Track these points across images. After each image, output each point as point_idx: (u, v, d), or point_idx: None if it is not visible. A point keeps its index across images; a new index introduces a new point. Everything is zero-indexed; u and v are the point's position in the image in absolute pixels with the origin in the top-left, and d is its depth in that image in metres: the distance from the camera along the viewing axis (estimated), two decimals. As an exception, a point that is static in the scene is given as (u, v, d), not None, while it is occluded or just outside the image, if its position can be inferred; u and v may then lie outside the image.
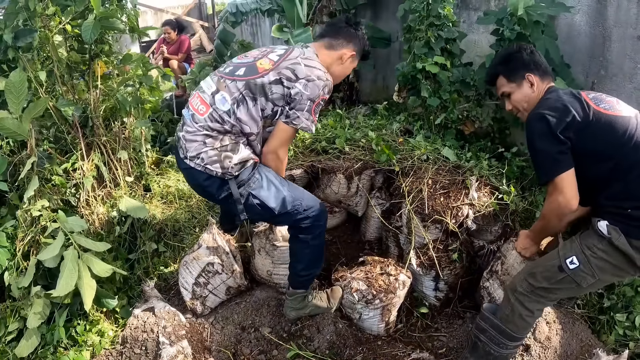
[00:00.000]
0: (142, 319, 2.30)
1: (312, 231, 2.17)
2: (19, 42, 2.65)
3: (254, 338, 2.33)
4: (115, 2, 2.99)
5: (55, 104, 2.84)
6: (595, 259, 1.82)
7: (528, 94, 2.03)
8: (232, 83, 1.97)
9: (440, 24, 3.23)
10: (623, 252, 1.78)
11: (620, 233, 1.77)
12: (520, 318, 1.92)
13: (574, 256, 1.85)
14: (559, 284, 1.87)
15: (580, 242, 1.88)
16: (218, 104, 1.96)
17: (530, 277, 1.92)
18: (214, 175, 1.97)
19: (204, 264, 2.46)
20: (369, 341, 2.38)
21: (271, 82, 1.95)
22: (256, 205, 2.05)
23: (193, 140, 1.97)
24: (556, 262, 1.88)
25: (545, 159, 1.84)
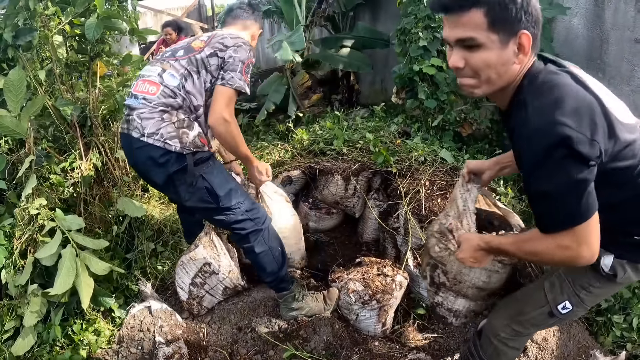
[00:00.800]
0: (138, 319, 2.29)
1: (254, 237, 2.20)
2: (18, 40, 2.66)
3: (251, 338, 2.33)
4: (116, 2, 3.00)
5: (54, 103, 2.84)
6: (589, 296, 1.57)
7: (509, 60, 1.25)
8: (176, 62, 2.10)
9: (435, 25, 3.25)
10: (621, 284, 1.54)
11: (627, 268, 1.47)
12: (505, 355, 1.75)
13: (567, 301, 1.58)
14: (550, 325, 1.74)
15: (572, 283, 1.58)
16: (167, 80, 2.05)
17: (515, 324, 1.69)
18: (172, 150, 1.99)
19: (200, 264, 2.46)
20: (365, 342, 2.37)
21: (207, 55, 2.09)
22: (204, 188, 2.08)
23: (150, 118, 2.01)
24: (545, 309, 1.62)
25: (567, 198, 1.23)
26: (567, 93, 1.24)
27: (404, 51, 3.44)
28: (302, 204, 3.31)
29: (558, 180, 1.21)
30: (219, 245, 2.52)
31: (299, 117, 4.66)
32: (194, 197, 2.09)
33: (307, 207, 3.27)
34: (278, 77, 4.97)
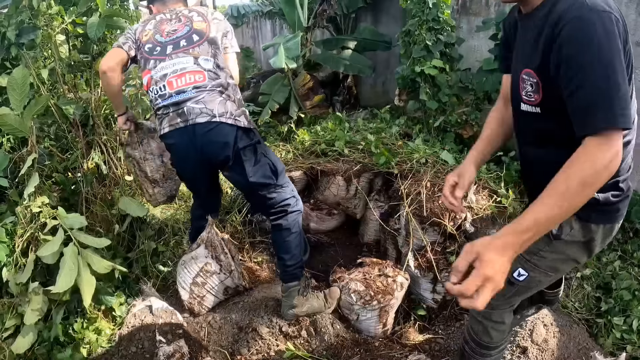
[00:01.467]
0: (139, 318, 2.30)
1: (294, 217, 2.28)
2: (21, 39, 2.67)
3: (251, 338, 2.33)
4: (118, 2, 3.01)
5: (56, 102, 2.85)
6: (544, 261, 1.58)
7: None
8: (199, 47, 2.19)
9: (439, 27, 3.26)
10: (576, 242, 1.50)
11: (574, 224, 1.45)
12: (493, 330, 1.82)
13: (519, 268, 1.60)
14: (516, 294, 1.72)
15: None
16: (204, 65, 2.16)
17: None
18: (240, 126, 2.11)
19: (202, 263, 2.46)
20: (366, 342, 2.38)
21: (213, 29, 2.27)
22: (267, 164, 2.21)
23: (213, 100, 2.09)
24: None
25: (614, 91, 1.10)
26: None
27: (408, 53, 3.45)
28: (304, 205, 3.32)
29: (612, 68, 1.11)
30: (220, 245, 2.52)
31: (300, 118, 4.67)
32: (258, 172, 2.18)
33: (308, 208, 3.28)
34: (279, 77, 4.98)
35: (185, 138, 2.10)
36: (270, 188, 2.24)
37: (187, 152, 2.15)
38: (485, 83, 3.09)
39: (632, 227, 2.78)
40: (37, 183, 2.38)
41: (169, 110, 2.13)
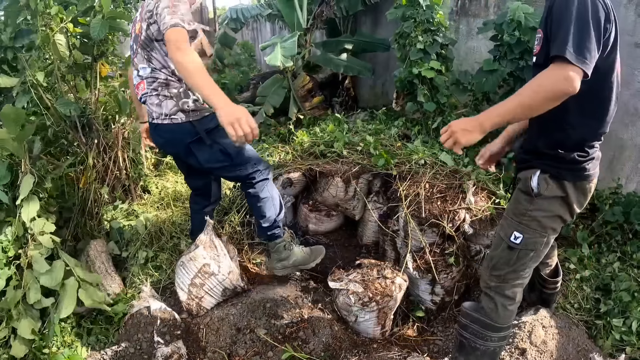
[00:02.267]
0: (137, 319, 2.29)
1: (261, 186, 2.42)
2: (17, 42, 2.67)
3: (249, 339, 2.32)
4: (121, 3, 3.01)
5: (55, 103, 2.85)
6: (534, 221, 1.77)
7: None
8: (136, 57, 2.24)
9: (435, 29, 3.26)
10: (554, 197, 1.72)
11: (550, 180, 1.70)
12: (503, 308, 1.90)
13: (514, 231, 1.80)
14: (519, 260, 1.84)
15: (512, 216, 1.82)
16: (143, 73, 2.22)
17: (494, 270, 1.89)
18: (179, 122, 2.19)
19: (200, 264, 2.45)
20: (364, 344, 2.37)
21: (146, 28, 2.13)
22: (218, 151, 2.27)
23: (154, 103, 2.21)
24: (504, 245, 1.84)
25: (583, 38, 1.45)
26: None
27: (404, 55, 3.45)
28: (302, 206, 3.32)
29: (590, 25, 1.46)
30: (219, 246, 2.52)
31: (299, 120, 4.66)
32: (211, 159, 2.29)
33: (307, 209, 3.27)
34: (278, 79, 4.98)
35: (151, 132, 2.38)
36: (228, 168, 2.35)
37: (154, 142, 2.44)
38: (485, 84, 3.09)
39: (631, 228, 2.78)
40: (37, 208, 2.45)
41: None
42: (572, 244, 2.82)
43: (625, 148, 2.97)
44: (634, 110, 2.86)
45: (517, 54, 2.99)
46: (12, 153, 2.60)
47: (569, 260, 2.63)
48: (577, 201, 1.76)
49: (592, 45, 1.44)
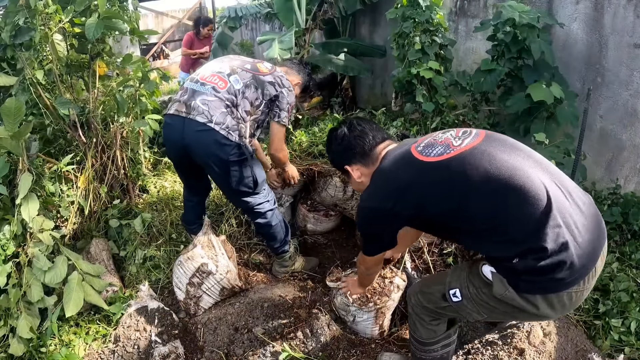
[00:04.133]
0: (135, 318, 2.29)
1: (270, 214, 2.65)
2: (17, 40, 2.67)
3: (247, 339, 2.32)
4: (117, 3, 3.00)
5: (53, 102, 2.85)
6: (480, 300, 1.63)
7: (357, 182, 1.89)
8: (243, 72, 2.48)
9: (434, 29, 3.26)
10: (513, 305, 1.53)
11: (508, 286, 1.50)
12: (422, 326, 1.87)
13: (458, 289, 1.67)
14: (444, 310, 1.77)
15: (467, 275, 1.68)
16: (233, 82, 2.43)
17: (421, 294, 1.85)
18: (232, 140, 2.35)
19: (198, 264, 2.45)
20: (362, 344, 2.37)
21: (269, 82, 2.51)
22: (251, 176, 2.48)
23: (217, 108, 2.34)
24: (441, 288, 1.74)
25: (369, 240, 1.87)
26: (377, 181, 1.76)
27: (402, 55, 3.45)
28: (301, 206, 3.31)
29: (367, 230, 1.85)
30: (217, 245, 2.51)
31: (298, 120, 4.66)
32: (241, 182, 2.47)
33: (305, 209, 3.27)
34: (278, 79, 4.97)
35: (179, 126, 2.36)
36: (248, 194, 2.55)
37: (175, 137, 2.40)
38: (484, 83, 3.10)
39: (630, 229, 2.78)
40: (37, 206, 2.44)
41: (182, 95, 2.42)
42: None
43: (623, 149, 2.97)
44: (633, 111, 2.87)
45: (514, 53, 2.99)
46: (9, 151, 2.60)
47: (567, 261, 2.62)
48: (561, 310, 1.53)
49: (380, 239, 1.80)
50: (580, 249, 1.42)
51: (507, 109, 3.03)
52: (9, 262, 2.39)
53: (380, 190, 1.69)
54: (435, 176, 1.54)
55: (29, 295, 2.33)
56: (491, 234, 1.49)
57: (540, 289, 1.45)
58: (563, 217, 1.42)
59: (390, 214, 1.63)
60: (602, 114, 3.04)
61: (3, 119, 2.42)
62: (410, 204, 1.60)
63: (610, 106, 2.98)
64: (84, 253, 2.81)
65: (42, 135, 3.07)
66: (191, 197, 2.85)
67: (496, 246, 1.50)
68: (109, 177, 3.16)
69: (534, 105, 2.92)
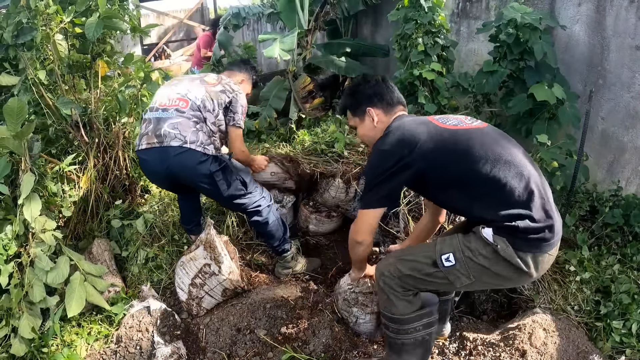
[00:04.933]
0: (137, 318, 2.29)
1: (267, 212, 2.69)
2: (19, 40, 2.67)
3: (249, 340, 2.32)
4: (117, 2, 3.00)
5: (55, 102, 2.85)
6: (474, 263, 1.73)
7: (370, 128, 1.99)
8: (196, 88, 2.55)
9: (436, 31, 3.27)
10: (509, 262, 1.70)
11: (508, 244, 1.68)
12: (397, 299, 1.86)
13: (451, 253, 1.76)
14: (429, 277, 1.80)
15: (461, 240, 1.77)
16: (193, 99, 2.50)
17: (400, 263, 1.86)
18: (209, 154, 2.43)
19: (200, 264, 2.45)
20: (365, 345, 2.37)
21: (220, 91, 2.59)
22: (237, 179, 2.57)
23: (187, 128, 2.41)
24: (431, 254, 1.80)
25: (371, 187, 1.84)
26: (394, 130, 1.86)
27: (404, 56, 3.45)
28: (303, 207, 3.32)
29: (370, 178, 1.84)
30: (219, 246, 2.51)
31: (300, 121, 4.66)
32: (231, 187, 2.54)
33: (307, 211, 3.27)
34: (279, 81, 4.98)
35: (157, 158, 2.42)
36: (242, 196, 2.61)
37: (155, 169, 2.47)
38: (485, 85, 3.10)
39: (631, 230, 2.78)
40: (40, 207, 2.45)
41: (148, 127, 2.46)
42: (572, 246, 2.82)
43: (625, 150, 2.98)
44: (634, 112, 2.87)
45: (516, 55, 2.99)
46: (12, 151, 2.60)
47: (569, 262, 2.63)
48: (539, 271, 1.76)
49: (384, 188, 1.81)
50: (556, 221, 1.74)
51: (509, 110, 3.04)
52: (11, 262, 2.39)
53: (399, 138, 1.79)
54: (450, 139, 1.76)
55: (31, 296, 2.33)
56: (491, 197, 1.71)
57: (533, 247, 1.68)
58: (545, 194, 1.75)
59: (402, 161, 1.74)
60: (604, 116, 3.05)
61: (5, 119, 2.42)
62: (424, 157, 1.73)
63: (612, 108, 2.99)
64: (86, 253, 2.81)
65: (44, 135, 3.07)
66: (185, 196, 2.88)
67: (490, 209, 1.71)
68: (110, 178, 3.16)
69: (536, 107, 2.93)
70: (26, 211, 2.40)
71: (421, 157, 1.74)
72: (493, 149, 1.73)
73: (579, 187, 3.04)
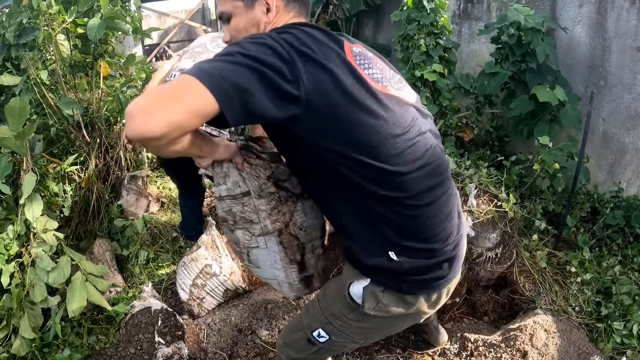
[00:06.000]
0: (138, 319, 2.29)
1: None
2: (21, 39, 2.67)
3: (251, 340, 2.32)
4: (119, 3, 3.01)
5: (56, 102, 2.85)
6: (348, 327, 1.38)
7: (258, 20, 1.26)
8: None
9: (438, 32, 3.28)
10: (391, 317, 1.33)
11: (381, 296, 1.28)
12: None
13: (320, 329, 1.41)
14: (317, 354, 1.50)
15: (323, 310, 1.42)
16: None
17: (287, 348, 1.56)
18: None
19: (202, 265, 2.45)
20: (366, 346, 2.37)
21: None
22: None
23: None
24: (303, 334, 1.47)
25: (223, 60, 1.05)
26: (295, 32, 1.15)
27: (406, 57, 3.46)
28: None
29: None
30: (220, 246, 2.52)
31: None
32: None
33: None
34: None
35: None
36: None
37: None
38: (487, 86, 3.11)
39: (632, 232, 2.78)
40: (42, 207, 2.44)
41: None
42: (573, 247, 2.82)
43: (626, 152, 2.98)
44: (635, 114, 2.87)
45: (518, 56, 3.00)
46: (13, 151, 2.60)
47: (570, 264, 2.63)
48: (431, 308, 1.37)
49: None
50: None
51: (511, 111, 3.04)
52: (12, 262, 2.39)
53: (287, 38, 1.11)
54: (361, 95, 1.14)
55: (32, 295, 2.33)
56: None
57: (423, 287, 1.30)
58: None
59: (282, 60, 1.05)
60: (605, 117, 3.05)
61: (7, 119, 2.42)
62: (314, 79, 1.08)
63: (613, 109, 2.99)
64: (87, 253, 2.81)
65: (46, 135, 3.07)
66: (186, 202, 2.85)
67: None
68: (112, 178, 3.16)
69: (538, 108, 2.93)
70: (27, 211, 2.40)
71: (311, 77, 1.10)
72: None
73: (580, 189, 3.05)
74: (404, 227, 1.23)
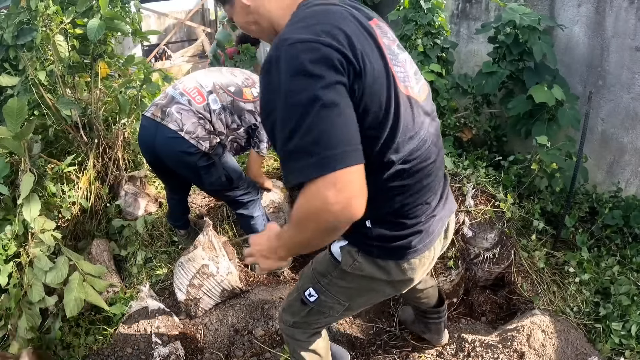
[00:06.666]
0: (135, 319, 2.29)
1: (252, 205, 2.68)
2: (19, 40, 2.68)
3: (247, 341, 2.32)
4: (119, 3, 3.01)
5: (55, 102, 2.86)
6: (334, 286, 1.48)
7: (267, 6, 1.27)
8: (224, 94, 2.48)
9: (436, 32, 3.27)
10: (366, 276, 1.40)
11: (356, 256, 1.36)
12: (304, 350, 1.71)
13: (311, 288, 1.53)
14: (310, 316, 1.60)
15: (313, 269, 1.55)
16: (211, 102, 2.44)
17: (285, 313, 1.69)
18: (201, 149, 2.37)
19: (199, 265, 2.45)
20: (362, 346, 2.37)
21: (248, 110, 2.53)
22: (222, 175, 2.50)
23: (189, 118, 2.36)
24: (297, 295, 1.59)
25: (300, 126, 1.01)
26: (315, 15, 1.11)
27: (405, 57, 3.45)
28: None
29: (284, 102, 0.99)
30: (217, 247, 2.52)
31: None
32: (214, 183, 2.50)
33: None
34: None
35: (152, 130, 2.39)
36: (225, 190, 2.59)
37: (146, 140, 2.44)
38: (485, 86, 3.10)
39: (631, 232, 2.77)
40: (39, 207, 2.45)
41: (161, 100, 2.44)
42: (571, 247, 2.82)
43: (625, 152, 2.97)
44: (634, 114, 2.86)
45: (516, 55, 2.99)
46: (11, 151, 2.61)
47: (568, 264, 2.63)
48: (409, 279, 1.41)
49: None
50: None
51: (509, 111, 3.04)
52: (10, 262, 2.40)
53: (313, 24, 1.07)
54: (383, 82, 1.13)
55: (30, 296, 2.34)
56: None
57: (395, 256, 1.35)
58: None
59: (332, 49, 1.02)
60: (604, 117, 3.04)
61: (5, 119, 2.43)
62: (354, 53, 1.06)
63: (612, 109, 2.98)
64: (85, 253, 2.82)
65: (44, 135, 3.07)
66: (173, 195, 2.88)
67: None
68: (110, 178, 3.17)
69: (536, 108, 2.92)
70: (25, 211, 2.41)
71: (352, 52, 1.11)
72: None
73: (579, 189, 3.04)
74: (380, 200, 1.26)
